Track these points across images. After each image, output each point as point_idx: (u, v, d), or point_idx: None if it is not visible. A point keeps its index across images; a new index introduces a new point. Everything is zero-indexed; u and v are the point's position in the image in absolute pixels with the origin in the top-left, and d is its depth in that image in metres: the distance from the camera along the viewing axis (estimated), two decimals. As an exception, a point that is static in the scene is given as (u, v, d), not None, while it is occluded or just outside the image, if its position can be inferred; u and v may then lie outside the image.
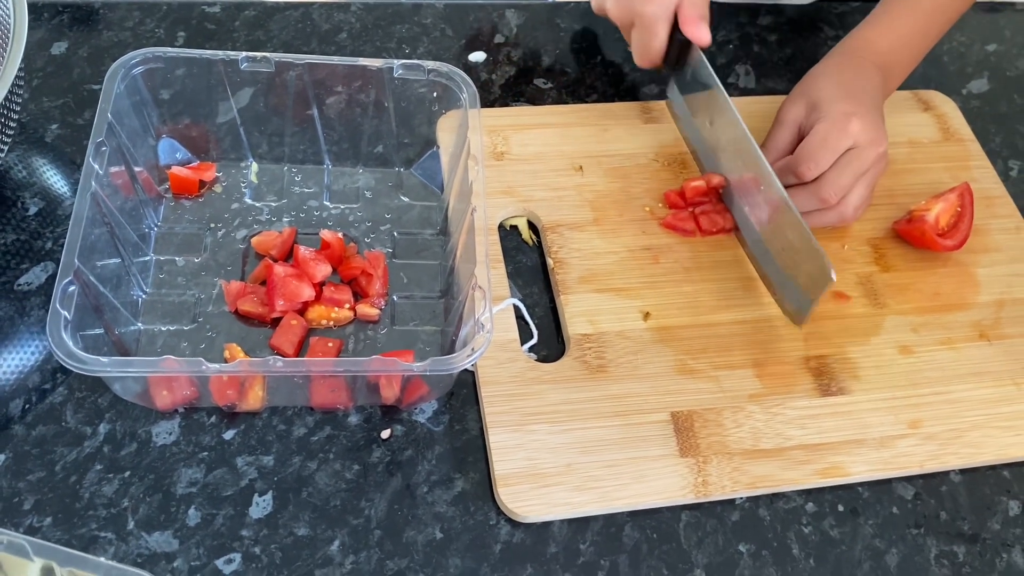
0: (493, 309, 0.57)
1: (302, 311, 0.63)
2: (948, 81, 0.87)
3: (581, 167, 0.74)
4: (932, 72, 0.88)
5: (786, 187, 0.66)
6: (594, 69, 0.83)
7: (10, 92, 0.60)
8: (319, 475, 0.58)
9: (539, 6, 0.88)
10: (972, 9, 0.95)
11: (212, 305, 0.64)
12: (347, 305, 0.64)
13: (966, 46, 0.90)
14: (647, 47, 0.71)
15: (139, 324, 0.62)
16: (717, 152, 0.71)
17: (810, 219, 0.68)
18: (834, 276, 0.60)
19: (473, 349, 0.55)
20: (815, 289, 0.62)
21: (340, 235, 0.66)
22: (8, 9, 0.63)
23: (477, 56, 0.82)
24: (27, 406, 0.59)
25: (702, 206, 0.72)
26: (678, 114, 0.76)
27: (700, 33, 0.69)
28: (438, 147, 0.71)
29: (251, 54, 0.66)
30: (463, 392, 0.63)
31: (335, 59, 0.67)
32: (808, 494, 0.61)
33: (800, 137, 0.71)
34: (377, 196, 0.71)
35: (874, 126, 0.68)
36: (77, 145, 0.72)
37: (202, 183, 0.69)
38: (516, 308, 0.66)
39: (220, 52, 0.66)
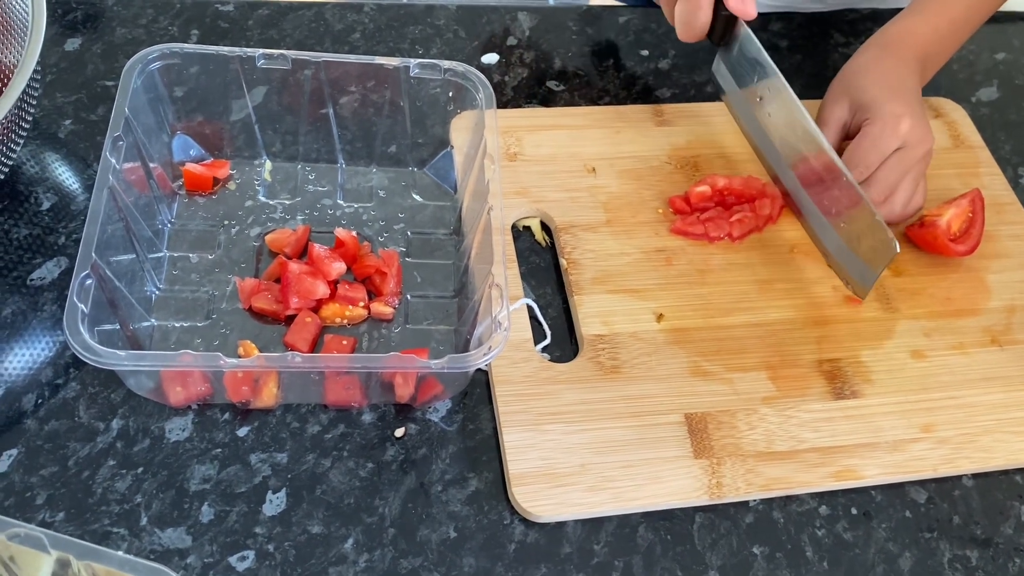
0: (510, 307, 0.57)
1: (316, 309, 0.63)
2: (957, 89, 0.87)
3: (594, 169, 0.74)
4: (942, 80, 0.88)
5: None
6: (606, 72, 0.83)
7: (27, 87, 0.60)
8: (333, 473, 0.58)
9: (552, 9, 0.89)
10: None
11: (226, 302, 0.64)
12: (361, 303, 0.63)
13: (975, 54, 0.91)
14: (692, 20, 0.69)
15: (153, 320, 0.62)
16: (768, 128, 0.71)
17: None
18: (897, 247, 0.62)
19: (490, 347, 0.55)
20: (878, 261, 0.64)
21: (354, 233, 0.66)
22: (27, 5, 0.63)
23: (490, 58, 0.83)
24: (40, 401, 0.59)
25: (708, 212, 0.72)
26: (725, 90, 0.76)
27: (745, 7, 0.68)
28: (452, 147, 0.71)
29: (268, 51, 0.66)
30: (476, 392, 0.63)
31: (352, 57, 0.67)
32: (821, 497, 0.61)
33: (846, 135, 0.71)
34: (391, 195, 0.71)
35: (922, 125, 0.69)
36: (90, 141, 0.72)
37: (216, 180, 0.69)
38: (529, 308, 0.66)
39: (237, 49, 0.66)
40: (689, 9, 0.69)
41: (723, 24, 0.71)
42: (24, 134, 0.65)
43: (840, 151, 0.69)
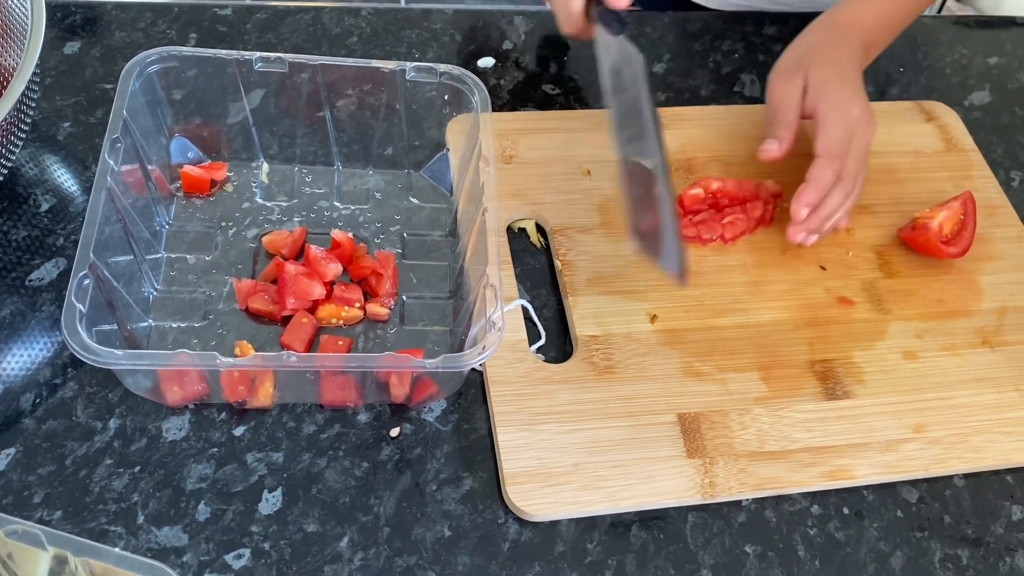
0: (504, 308, 0.57)
1: (312, 310, 0.63)
2: (950, 92, 0.88)
3: (589, 171, 0.75)
4: (935, 83, 0.89)
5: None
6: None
7: (27, 90, 0.61)
8: (328, 472, 0.59)
9: (547, 13, 0.89)
10: (974, 23, 0.97)
11: (223, 303, 0.64)
12: (357, 304, 0.64)
13: (968, 58, 0.92)
14: (564, 11, 0.71)
15: (150, 320, 0.63)
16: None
17: (838, 210, 0.69)
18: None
19: (484, 347, 0.55)
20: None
21: (351, 235, 0.67)
22: (26, 9, 0.64)
23: (486, 61, 0.83)
24: (37, 400, 0.60)
25: (700, 214, 0.72)
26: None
27: None
28: (447, 150, 0.72)
29: (265, 54, 0.66)
30: (471, 392, 0.63)
31: (348, 61, 0.67)
32: (813, 496, 0.61)
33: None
34: (387, 197, 0.71)
35: (869, 109, 0.70)
36: (89, 143, 0.72)
37: (213, 182, 0.70)
38: (524, 309, 0.66)
39: (235, 52, 0.66)
40: (557, 2, 0.71)
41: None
42: (23, 136, 0.66)
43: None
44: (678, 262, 0.63)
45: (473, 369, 0.62)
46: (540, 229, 0.72)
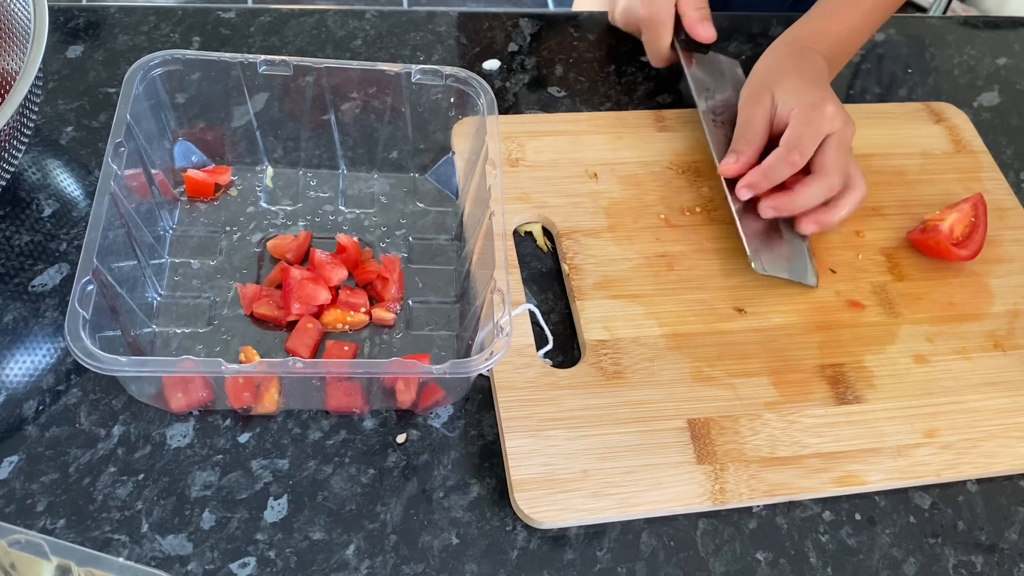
0: (512, 312, 0.57)
1: (318, 315, 0.63)
2: (959, 93, 0.87)
3: (596, 174, 0.74)
4: (943, 85, 0.88)
5: (789, 187, 0.68)
6: (608, 78, 0.83)
7: (29, 94, 0.60)
8: (334, 479, 0.58)
9: (553, 15, 0.89)
10: (982, 24, 0.96)
11: (227, 308, 0.63)
12: (363, 309, 0.63)
13: (976, 59, 0.91)
14: (654, 48, 0.80)
15: (154, 326, 0.62)
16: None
17: (837, 210, 0.69)
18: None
19: (492, 352, 0.55)
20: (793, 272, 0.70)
21: (356, 239, 0.66)
22: (29, 12, 0.63)
23: (491, 64, 0.83)
24: (41, 407, 0.59)
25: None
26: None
27: (703, 31, 0.77)
28: (453, 153, 0.72)
29: (269, 57, 0.66)
30: (478, 397, 0.62)
31: (353, 63, 0.67)
32: (825, 502, 0.60)
33: (771, 131, 0.71)
34: (392, 201, 0.71)
35: (841, 107, 0.70)
36: (92, 148, 0.72)
37: (217, 186, 0.69)
38: (532, 314, 0.66)
39: (239, 55, 0.66)
40: (649, 38, 0.79)
41: (688, 47, 0.79)
42: (26, 141, 0.65)
43: (767, 148, 0.70)
44: (808, 269, 0.69)
45: (480, 374, 0.61)
46: (547, 233, 0.72)
